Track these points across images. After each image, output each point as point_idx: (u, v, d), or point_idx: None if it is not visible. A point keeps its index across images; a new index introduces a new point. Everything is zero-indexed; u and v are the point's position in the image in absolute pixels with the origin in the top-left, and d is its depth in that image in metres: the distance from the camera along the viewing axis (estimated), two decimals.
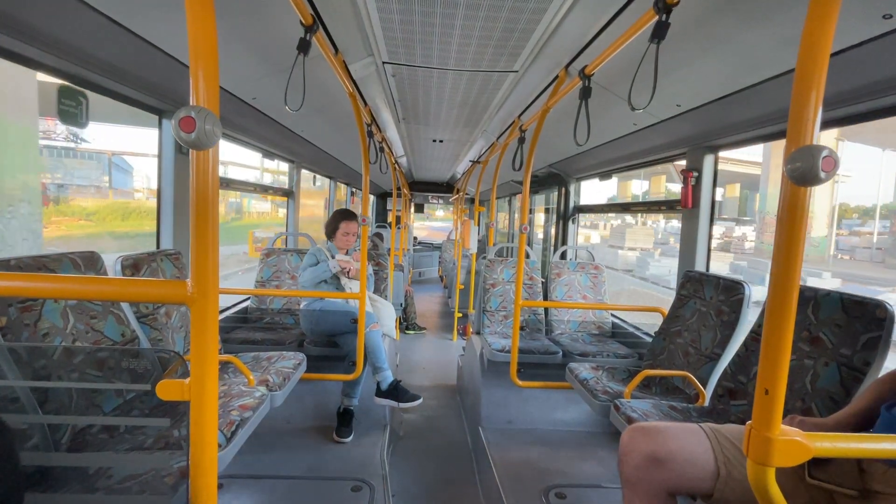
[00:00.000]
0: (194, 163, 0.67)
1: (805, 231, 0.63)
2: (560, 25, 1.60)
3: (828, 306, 1.48)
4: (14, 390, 1.05)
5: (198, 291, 0.68)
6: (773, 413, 0.65)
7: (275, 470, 2.09)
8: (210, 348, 0.70)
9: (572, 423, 2.67)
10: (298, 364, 2.12)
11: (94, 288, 0.76)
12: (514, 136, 2.89)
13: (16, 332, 1.18)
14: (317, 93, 2.30)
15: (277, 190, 4.00)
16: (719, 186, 2.37)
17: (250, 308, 3.12)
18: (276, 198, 2.45)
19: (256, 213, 21.39)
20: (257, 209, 21.63)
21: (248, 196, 7.75)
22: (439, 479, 2.47)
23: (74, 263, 1.44)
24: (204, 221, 0.68)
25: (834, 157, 0.59)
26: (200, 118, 0.63)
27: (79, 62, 1.51)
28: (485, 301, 3.37)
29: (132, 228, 13.79)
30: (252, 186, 3.81)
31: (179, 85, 1.93)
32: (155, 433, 1.32)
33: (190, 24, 0.65)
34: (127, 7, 1.35)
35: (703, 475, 1.08)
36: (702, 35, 1.45)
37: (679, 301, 2.23)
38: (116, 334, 1.55)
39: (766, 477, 0.67)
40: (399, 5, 1.53)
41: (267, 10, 1.52)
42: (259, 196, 8.92)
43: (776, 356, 0.65)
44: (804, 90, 0.62)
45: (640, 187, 17.90)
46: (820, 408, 1.39)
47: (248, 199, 10.63)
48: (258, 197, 8.26)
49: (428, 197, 9.78)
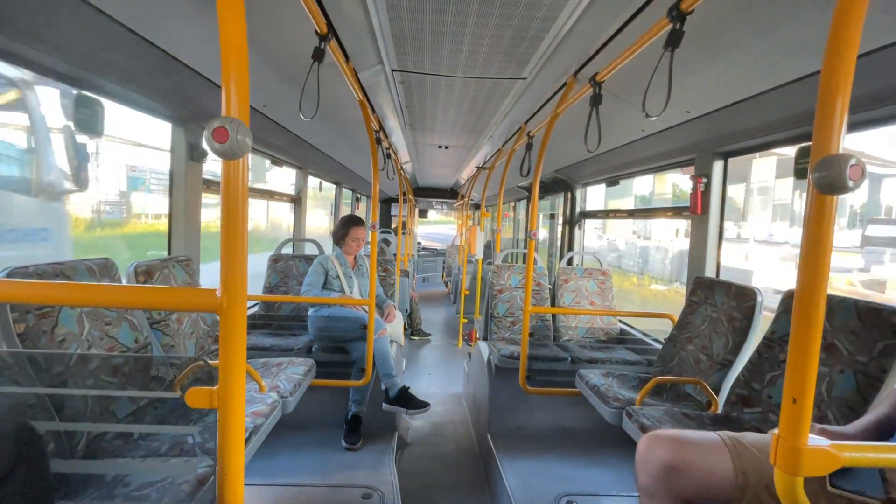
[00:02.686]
0: (225, 172, 0.68)
1: (831, 239, 0.63)
2: (570, 33, 1.60)
3: (842, 313, 1.46)
4: (33, 396, 1.05)
5: (227, 299, 0.69)
6: (802, 422, 0.65)
7: (284, 477, 2.08)
8: (239, 355, 0.70)
9: (581, 429, 2.65)
10: (309, 370, 2.12)
11: (122, 296, 0.77)
12: (522, 143, 2.90)
13: (34, 339, 1.19)
14: (326, 100, 2.33)
15: (284, 196, 4.02)
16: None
17: (258, 314, 3.13)
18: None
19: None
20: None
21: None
22: (449, 486, 2.45)
23: (90, 270, 1.45)
24: (234, 230, 0.69)
25: (861, 166, 0.58)
26: (233, 129, 0.64)
27: (95, 71, 1.53)
28: (492, 307, 3.37)
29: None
30: (260, 192, 3.83)
31: (191, 93, 1.95)
32: (170, 440, 1.32)
33: (223, 39, 0.67)
34: (145, 17, 1.37)
35: (721, 484, 1.07)
36: (713, 42, 1.46)
37: (689, 307, 2.22)
38: (130, 340, 1.56)
39: (794, 487, 0.66)
40: (410, 14, 1.55)
41: (279, 20, 1.54)
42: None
43: (804, 364, 0.65)
44: (829, 96, 0.61)
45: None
46: (836, 416, 1.37)
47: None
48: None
49: (432, 202, 9.80)
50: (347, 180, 5.57)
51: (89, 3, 1.22)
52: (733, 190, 4.99)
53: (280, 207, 5.04)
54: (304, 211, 4.08)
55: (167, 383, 1.54)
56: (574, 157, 3.53)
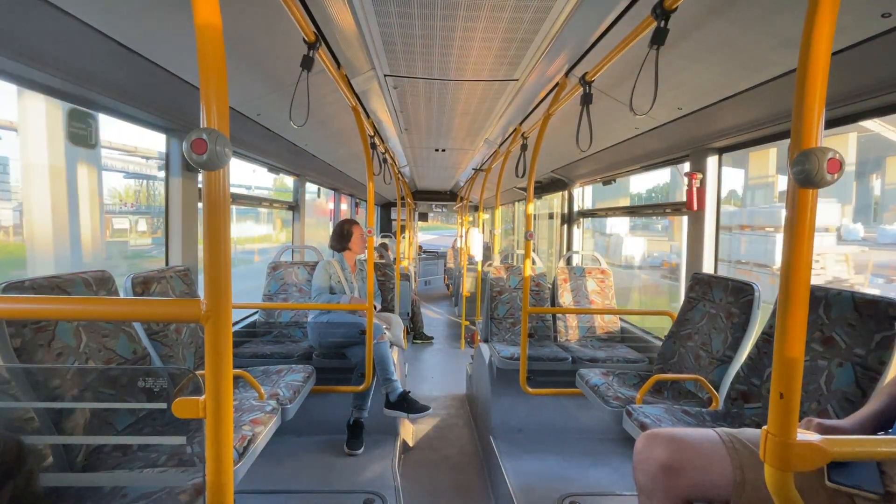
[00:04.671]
0: (206, 183, 0.69)
1: (813, 233, 0.63)
2: (559, 34, 1.61)
3: (839, 306, 1.46)
4: (31, 411, 1.06)
5: (211, 310, 0.69)
6: (790, 417, 0.65)
7: (286, 484, 2.08)
8: (224, 366, 0.70)
9: (584, 429, 2.64)
10: (308, 377, 2.12)
11: (109, 309, 0.78)
12: (517, 144, 2.90)
13: (31, 352, 1.20)
14: (320, 107, 2.34)
15: (282, 203, 4.04)
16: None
17: (258, 322, 3.14)
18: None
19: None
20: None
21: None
22: (451, 490, 2.45)
23: (86, 283, 1.46)
24: (216, 240, 0.69)
25: (839, 159, 0.59)
26: (212, 140, 0.65)
27: (88, 85, 1.55)
28: (492, 309, 3.37)
29: None
30: (258, 200, 3.84)
31: (185, 104, 1.97)
32: (168, 451, 1.33)
33: (200, 50, 0.67)
34: (134, 31, 1.38)
35: (719, 482, 1.07)
36: (701, 38, 1.46)
37: (688, 304, 2.21)
38: (128, 352, 1.57)
39: (784, 482, 0.66)
40: (399, 19, 1.56)
41: (270, 29, 1.55)
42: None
43: (790, 360, 0.65)
44: (806, 92, 0.62)
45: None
46: (836, 409, 1.37)
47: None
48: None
49: (432, 206, 9.81)
50: (346, 186, 5.59)
51: (81, 20, 1.23)
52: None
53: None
54: (302, 217, 4.10)
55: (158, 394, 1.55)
56: (570, 157, 3.53)
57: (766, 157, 7.52)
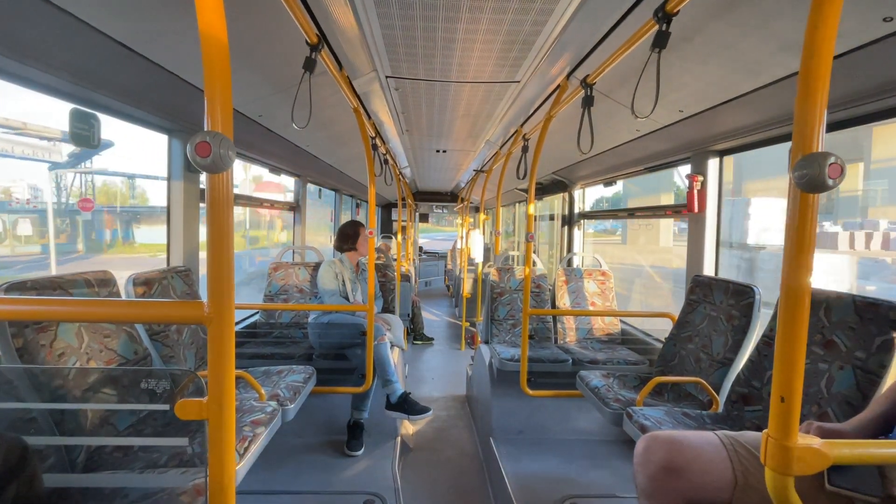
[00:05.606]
0: (209, 184, 0.69)
1: (814, 237, 0.63)
2: (561, 36, 1.61)
3: (840, 309, 1.46)
4: (32, 411, 1.06)
5: (214, 311, 0.69)
6: (790, 421, 0.65)
7: (286, 485, 2.08)
8: (227, 367, 0.70)
9: (584, 431, 2.64)
10: (308, 378, 2.12)
11: (114, 310, 0.78)
12: (518, 145, 2.91)
13: (32, 353, 1.20)
14: (322, 108, 2.34)
15: (284, 204, 4.04)
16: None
17: (259, 322, 3.14)
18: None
19: None
20: None
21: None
22: (451, 492, 2.44)
23: (88, 283, 1.46)
24: (219, 242, 0.69)
25: (840, 164, 0.59)
26: (215, 143, 0.65)
27: (91, 86, 1.55)
28: (492, 310, 3.37)
29: None
30: (259, 201, 3.85)
31: (188, 105, 1.97)
32: (169, 451, 1.33)
33: (205, 54, 0.67)
34: (137, 32, 1.39)
35: (720, 484, 1.07)
36: (702, 42, 1.47)
37: (689, 306, 2.21)
38: (129, 352, 1.57)
39: (785, 486, 0.66)
40: (401, 21, 1.56)
41: (272, 31, 1.56)
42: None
43: (790, 363, 0.65)
44: (808, 96, 0.62)
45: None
46: (837, 412, 1.37)
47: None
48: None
49: (433, 206, 9.81)
50: (347, 187, 5.59)
51: (83, 21, 1.24)
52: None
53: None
54: (303, 218, 4.10)
55: (160, 395, 1.55)
56: (571, 159, 3.54)
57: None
